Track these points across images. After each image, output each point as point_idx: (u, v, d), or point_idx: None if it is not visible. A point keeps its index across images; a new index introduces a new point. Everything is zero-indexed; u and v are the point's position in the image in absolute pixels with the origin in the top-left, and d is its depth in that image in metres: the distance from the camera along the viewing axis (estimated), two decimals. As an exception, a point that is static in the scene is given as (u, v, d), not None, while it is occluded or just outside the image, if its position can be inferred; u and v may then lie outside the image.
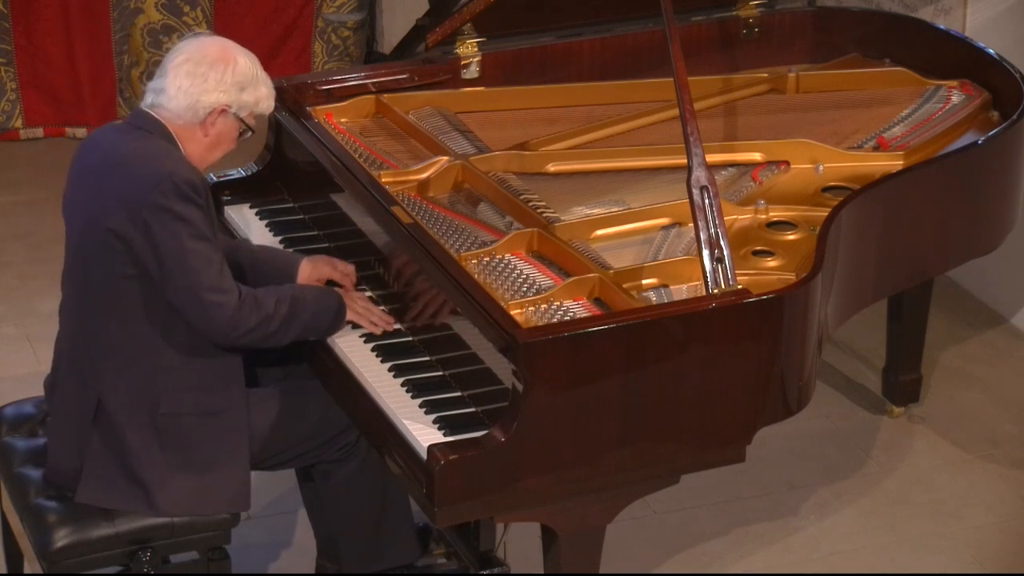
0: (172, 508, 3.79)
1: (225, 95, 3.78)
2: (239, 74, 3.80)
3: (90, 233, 3.74)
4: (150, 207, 3.65)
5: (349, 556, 4.14)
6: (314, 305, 3.85)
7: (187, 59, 3.79)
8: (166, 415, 3.78)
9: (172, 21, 6.92)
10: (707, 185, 3.74)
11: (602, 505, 3.70)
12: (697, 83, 4.52)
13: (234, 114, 3.81)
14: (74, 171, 3.86)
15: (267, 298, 3.76)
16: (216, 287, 3.68)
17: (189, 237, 3.66)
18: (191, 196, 3.67)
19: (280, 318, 3.76)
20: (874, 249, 4.28)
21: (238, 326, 3.71)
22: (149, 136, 3.78)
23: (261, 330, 3.74)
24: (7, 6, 6.73)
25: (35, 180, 6.61)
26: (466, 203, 4.21)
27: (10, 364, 5.39)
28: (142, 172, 3.69)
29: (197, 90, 3.77)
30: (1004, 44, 5.23)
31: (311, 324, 3.85)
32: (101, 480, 3.80)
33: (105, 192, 3.72)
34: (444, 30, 4.69)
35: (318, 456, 4.01)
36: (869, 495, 4.91)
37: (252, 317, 3.72)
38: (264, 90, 3.86)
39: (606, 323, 3.58)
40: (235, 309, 3.69)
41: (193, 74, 3.78)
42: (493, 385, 3.65)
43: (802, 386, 3.85)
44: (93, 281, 3.76)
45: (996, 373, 5.54)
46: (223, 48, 3.82)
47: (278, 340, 3.80)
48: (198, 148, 3.82)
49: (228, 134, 3.85)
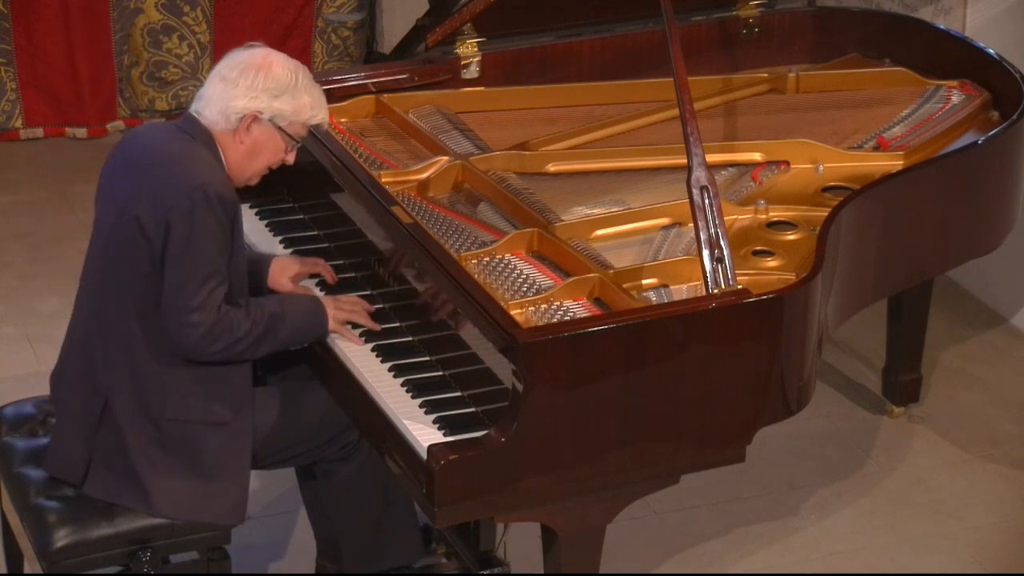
0: (168, 510, 3.79)
1: (255, 101, 3.77)
2: (272, 80, 3.77)
3: (120, 224, 3.75)
4: (177, 211, 3.66)
5: (350, 556, 4.14)
6: (292, 321, 3.84)
7: (226, 65, 3.80)
8: (172, 421, 3.78)
9: (172, 21, 6.93)
10: (707, 185, 3.74)
11: (602, 505, 3.70)
12: (697, 83, 4.51)
13: (269, 121, 3.79)
14: (115, 161, 3.86)
15: (245, 320, 3.76)
16: (195, 307, 3.68)
17: (198, 247, 3.66)
18: (216, 210, 3.67)
19: (252, 338, 3.76)
20: (874, 249, 4.28)
21: (204, 349, 3.72)
22: (192, 141, 3.78)
23: (228, 351, 3.75)
24: (7, 6, 6.73)
25: (35, 180, 6.61)
26: (466, 203, 4.21)
27: (10, 364, 5.39)
28: (178, 175, 3.69)
29: (228, 95, 3.77)
30: (1004, 44, 5.23)
31: (288, 339, 3.85)
32: (108, 474, 3.81)
33: (140, 186, 3.73)
34: (444, 30, 4.70)
35: (319, 455, 4.01)
36: (869, 495, 4.91)
37: (221, 340, 3.72)
38: (306, 99, 3.81)
39: (606, 323, 3.58)
40: (208, 331, 3.70)
41: (226, 79, 3.78)
42: (493, 385, 3.65)
43: (802, 386, 3.85)
44: (117, 275, 3.77)
45: (996, 373, 5.54)
46: (264, 56, 3.81)
47: (248, 356, 3.80)
48: (236, 156, 3.82)
49: (267, 144, 3.82)
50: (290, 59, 3.84)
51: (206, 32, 6.99)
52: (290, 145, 3.86)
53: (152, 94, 6.98)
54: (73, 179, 6.57)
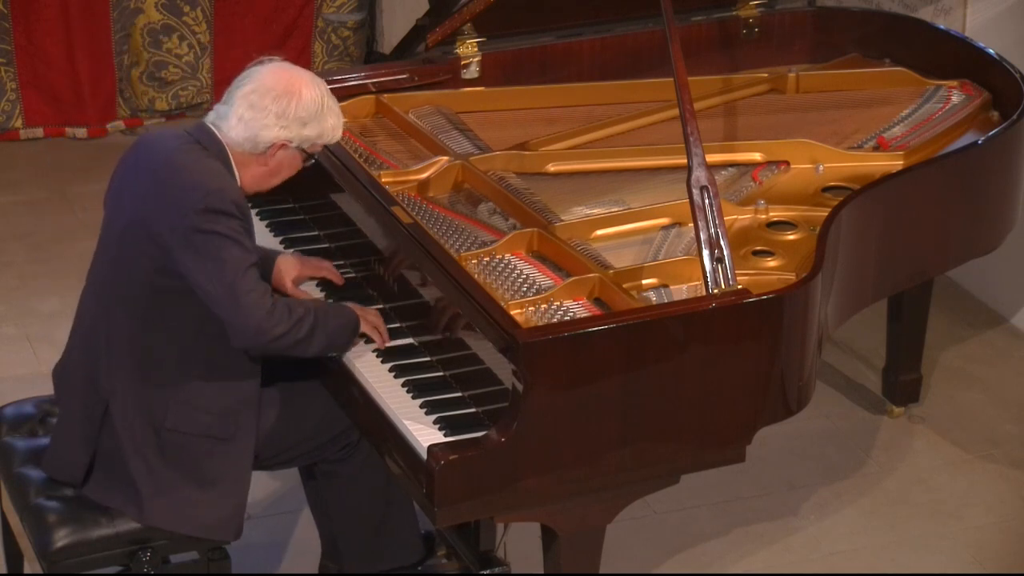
0: (160, 520, 3.78)
1: (286, 131, 3.76)
2: (302, 109, 3.75)
3: (132, 233, 3.73)
4: (196, 215, 3.64)
5: (350, 556, 4.14)
6: (335, 318, 3.83)
7: (253, 90, 3.76)
8: (172, 431, 3.78)
9: (172, 21, 6.93)
10: (707, 185, 3.74)
11: (602, 505, 3.70)
12: (697, 83, 4.52)
13: (296, 147, 3.80)
14: (126, 165, 3.84)
15: (297, 306, 3.76)
16: (253, 288, 3.67)
17: (231, 246, 3.65)
18: (234, 212, 3.67)
19: (308, 325, 3.74)
20: (874, 249, 4.28)
21: (271, 329, 3.68)
22: (205, 152, 3.75)
23: (292, 335, 3.72)
24: (7, 6, 6.73)
25: (35, 180, 6.61)
26: (466, 203, 4.21)
27: (10, 364, 5.39)
28: (192, 184, 3.67)
29: (258, 124, 3.74)
30: (1004, 44, 5.23)
31: (333, 336, 3.82)
32: (107, 477, 3.81)
33: (154, 196, 3.71)
34: (444, 30, 4.69)
35: (320, 455, 4.01)
36: (869, 495, 4.91)
37: (284, 322, 3.70)
38: (331, 121, 3.81)
39: (606, 323, 3.58)
40: (269, 311, 3.68)
41: (255, 106, 3.74)
42: (493, 385, 3.65)
43: (802, 386, 3.85)
44: (127, 281, 3.76)
45: (996, 373, 5.54)
46: (290, 80, 3.77)
47: (303, 349, 3.77)
48: (254, 175, 3.82)
49: (290, 164, 3.84)
50: (314, 77, 3.82)
51: (206, 32, 6.99)
52: (307, 161, 3.88)
53: (152, 94, 6.98)
54: (73, 179, 6.57)
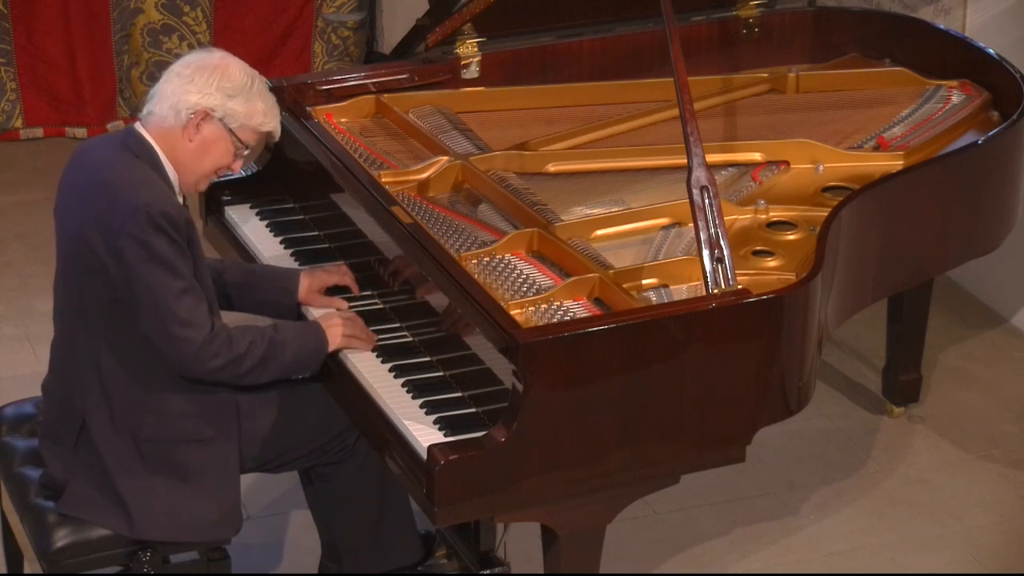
0: (152, 531, 3.77)
1: (208, 98, 3.74)
2: (227, 80, 3.76)
3: (76, 251, 3.73)
4: (124, 235, 3.61)
5: (349, 558, 4.14)
6: (295, 347, 3.80)
7: (182, 64, 3.79)
8: (149, 441, 3.76)
9: (172, 21, 6.93)
10: (707, 185, 3.74)
11: (602, 505, 3.70)
12: (697, 83, 4.52)
13: (219, 120, 3.76)
14: (64, 182, 3.83)
15: (243, 338, 3.72)
16: (183, 321, 3.64)
17: (159, 269, 3.62)
18: (165, 228, 3.62)
19: (254, 359, 3.72)
20: (874, 249, 4.28)
21: (204, 362, 3.66)
22: (135, 160, 3.73)
23: (231, 369, 3.70)
24: (7, 6, 6.74)
25: (35, 180, 6.61)
26: (466, 203, 4.21)
27: (10, 364, 5.39)
28: (121, 200, 3.64)
29: (181, 90, 3.75)
30: (1004, 44, 5.23)
31: (292, 366, 3.81)
32: (83, 497, 3.79)
33: (87, 213, 3.69)
34: (444, 30, 4.69)
35: (317, 458, 4.00)
36: (869, 495, 4.91)
37: (220, 356, 3.67)
38: (260, 105, 3.79)
39: (606, 323, 3.58)
40: (202, 345, 3.65)
41: (181, 75, 3.77)
42: (493, 385, 3.65)
43: (802, 386, 3.85)
44: (80, 301, 3.75)
45: (996, 373, 5.54)
46: (222, 58, 3.80)
47: (253, 380, 3.76)
48: (184, 156, 3.77)
49: (216, 144, 3.78)
50: (248, 66, 3.83)
51: (206, 32, 6.99)
52: (239, 150, 3.82)
53: (152, 94, 6.99)
54: (73, 179, 6.57)
